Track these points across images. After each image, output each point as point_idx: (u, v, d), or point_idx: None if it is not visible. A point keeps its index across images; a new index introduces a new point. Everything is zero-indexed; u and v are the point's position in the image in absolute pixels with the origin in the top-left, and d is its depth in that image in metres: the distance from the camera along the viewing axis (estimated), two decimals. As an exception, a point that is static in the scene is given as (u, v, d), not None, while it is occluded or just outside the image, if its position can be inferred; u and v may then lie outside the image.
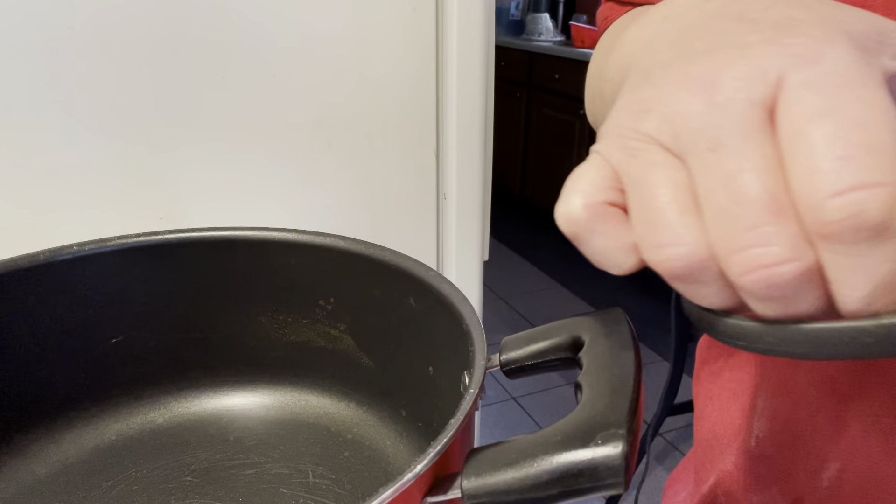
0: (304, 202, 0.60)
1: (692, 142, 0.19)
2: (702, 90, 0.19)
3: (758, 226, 0.17)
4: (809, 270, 0.18)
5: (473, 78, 0.61)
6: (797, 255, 0.17)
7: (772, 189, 0.17)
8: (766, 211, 0.17)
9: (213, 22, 0.52)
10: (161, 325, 0.46)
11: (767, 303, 0.19)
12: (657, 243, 0.19)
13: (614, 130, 0.21)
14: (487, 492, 0.24)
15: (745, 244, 0.18)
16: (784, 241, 0.17)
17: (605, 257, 0.21)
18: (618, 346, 0.29)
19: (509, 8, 3.46)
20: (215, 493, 0.41)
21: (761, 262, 0.17)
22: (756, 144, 0.18)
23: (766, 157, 0.18)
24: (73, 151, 0.51)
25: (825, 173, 0.16)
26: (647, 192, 0.20)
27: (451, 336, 0.36)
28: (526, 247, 3.06)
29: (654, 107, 0.20)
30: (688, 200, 0.19)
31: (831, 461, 0.33)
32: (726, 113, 0.18)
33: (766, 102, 0.18)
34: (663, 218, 0.19)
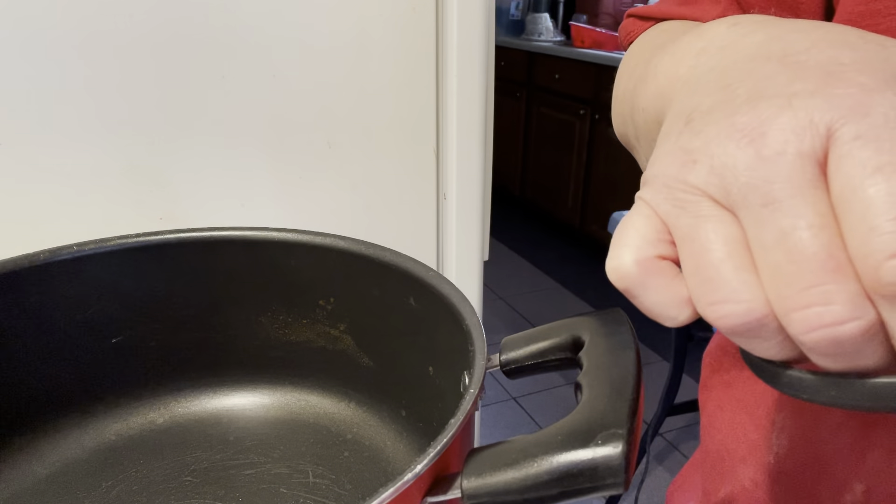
0: (304, 202, 0.60)
1: (743, 196, 0.19)
2: (750, 143, 0.19)
3: (817, 285, 0.17)
4: (872, 327, 0.17)
5: (473, 78, 0.61)
6: (858, 314, 0.17)
7: (829, 247, 0.17)
8: (824, 269, 0.17)
9: (213, 22, 0.52)
10: (161, 325, 0.45)
11: (830, 358, 0.19)
12: (713, 300, 0.19)
13: (660, 180, 0.21)
14: (487, 492, 0.24)
15: (805, 303, 0.18)
16: (845, 300, 0.17)
17: (659, 312, 0.21)
18: (618, 346, 0.29)
19: (509, 8, 3.46)
20: (215, 493, 0.41)
21: (823, 322, 0.17)
22: (810, 201, 0.18)
23: (821, 213, 0.17)
24: (73, 151, 0.51)
25: (882, 234, 0.16)
26: (699, 247, 0.19)
27: (451, 336, 0.36)
28: (526, 247, 3.06)
29: (700, 158, 0.20)
30: (743, 256, 0.19)
31: (855, 482, 0.32)
32: (777, 167, 0.18)
33: (817, 156, 0.18)
34: (719, 274, 0.19)
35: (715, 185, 0.19)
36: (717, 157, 0.19)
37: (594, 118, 2.69)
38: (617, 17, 3.10)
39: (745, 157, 0.19)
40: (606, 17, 3.11)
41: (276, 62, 0.55)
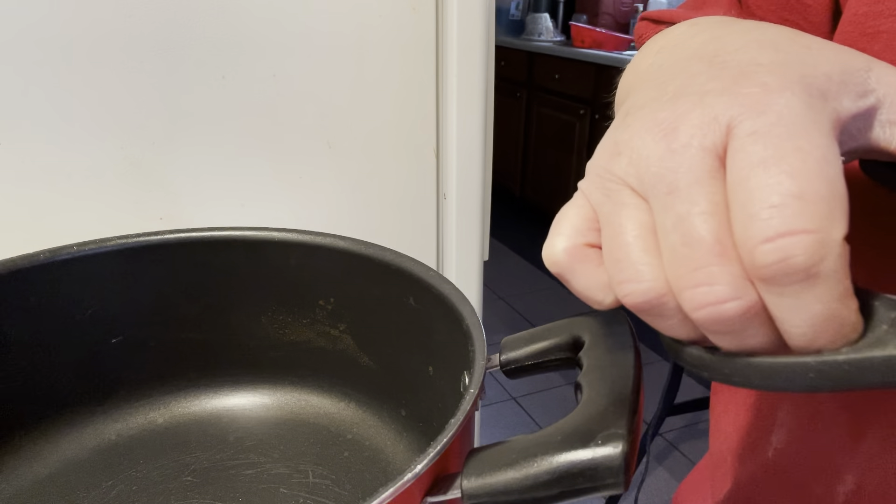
0: (304, 202, 0.60)
1: (653, 185, 0.20)
2: (664, 136, 0.20)
3: (704, 266, 0.19)
4: (752, 308, 0.19)
5: (473, 78, 0.61)
6: (739, 294, 0.19)
7: (717, 232, 0.19)
8: (711, 253, 0.19)
9: (213, 22, 0.52)
10: (161, 325, 0.46)
11: (721, 336, 0.20)
12: (620, 279, 0.21)
13: (594, 170, 0.23)
14: (487, 492, 0.24)
15: (694, 283, 0.19)
16: (727, 281, 0.19)
17: (586, 295, 0.23)
18: (618, 346, 0.29)
19: (509, 8, 3.46)
20: (215, 493, 0.41)
21: (707, 300, 0.19)
22: (706, 190, 0.19)
23: (714, 202, 0.19)
24: (73, 151, 0.51)
25: (759, 220, 0.18)
26: (613, 231, 0.21)
27: (451, 336, 0.36)
28: (526, 247, 3.06)
29: (623, 150, 0.22)
30: (649, 240, 0.20)
31: (847, 475, 0.32)
32: (682, 159, 0.20)
33: (717, 150, 0.19)
34: (626, 256, 0.21)
35: (633, 174, 0.21)
36: (637, 149, 0.21)
37: (594, 118, 2.69)
38: (617, 17, 3.10)
39: (658, 150, 0.20)
40: (606, 17, 3.11)
41: (276, 62, 0.55)
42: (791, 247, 0.17)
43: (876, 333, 0.19)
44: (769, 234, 0.17)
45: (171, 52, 0.52)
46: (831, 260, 0.17)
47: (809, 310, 0.18)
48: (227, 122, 0.55)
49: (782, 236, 0.17)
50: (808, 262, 0.17)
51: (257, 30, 0.54)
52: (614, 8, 3.11)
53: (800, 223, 0.17)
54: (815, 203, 0.17)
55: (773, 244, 0.17)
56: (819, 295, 0.18)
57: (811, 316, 0.18)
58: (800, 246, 0.17)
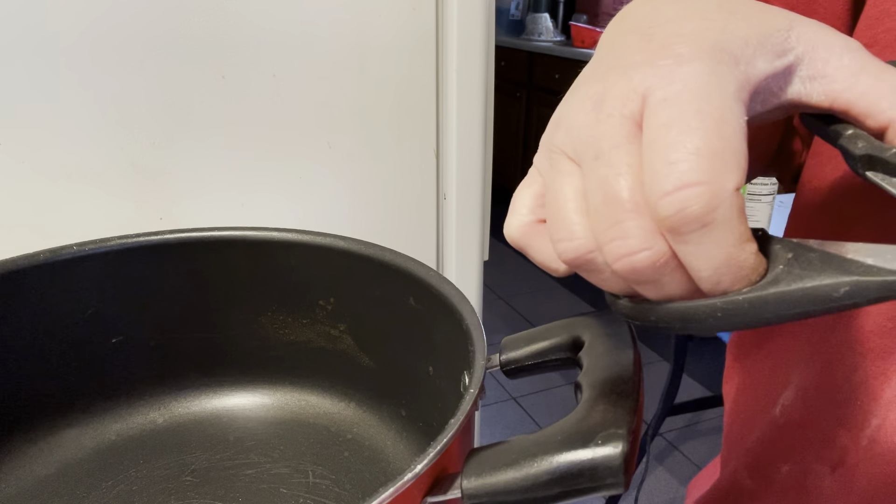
0: (304, 202, 0.60)
1: (583, 152, 0.22)
2: (593, 108, 0.22)
3: (618, 222, 0.21)
4: (662, 257, 0.21)
5: (473, 78, 0.61)
6: (649, 245, 0.20)
7: (630, 190, 0.21)
8: (625, 210, 0.20)
9: (212, 22, 0.52)
10: (161, 325, 0.46)
11: (643, 286, 0.22)
12: (556, 238, 0.23)
13: (542, 144, 0.25)
14: (487, 492, 0.24)
15: (610, 237, 0.21)
16: (638, 234, 0.20)
17: (544, 264, 0.25)
18: (618, 346, 0.29)
19: (509, 8, 3.46)
20: (215, 493, 0.41)
21: (621, 252, 0.21)
22: (624, 153, 0.21)
23: (631, 164, 0.21)
24: (73, 151, 0.51)
25: (660, 176, 0.19)
26: (552, 196, 0.23)
27: (451, 336, 0.36)
28: (526, 247, 3.06)
29: (562, 122, 0.24)
30: (582, 202, 0.22)
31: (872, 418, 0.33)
32: (605, 127, 0.22)
33: (636, 117, 0.21)
34: (560, 217, 0.23)
35: (569, 144, 0.23)
36: (571, 121, 0.23)
37: (594, 118, 2.68)
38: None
39: (587, 120, 0.22)
40: (606, 17, 3.11)
41: (276, 62, 0.55)
42: (687, 198, 0.19)
43: (773, 273, 0.21)
44: (668, 188, 0.19)
45: (171, 52, 0.52)
46: (724, 208, 0.19)
47: (710, 255, 0.20)
48: (227, 121, 0.55)
49: (679, 189, 0.19)
50: (702, 210, 0.19)
51: (257, 30, 0.54)
52: (614, 8, 3.11)
53: (694, 176, 0.19)
54: (709, 158, 0.19)
55: (671, 196, 0.19)
56: (717, 240, 0.20)
57: (712, 260, 0.20)
58: (694, 197, 0.19)
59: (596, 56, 0.26)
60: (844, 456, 0.34)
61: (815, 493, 0.36)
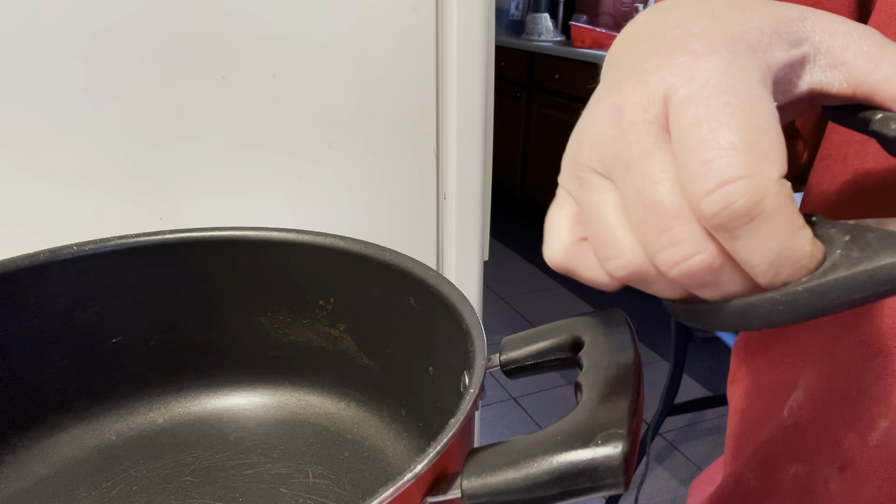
0: (304, 202, 0.60)
1: (613, 166, 0.22)
2: (613, 119, 0.22)
3: (666, 230, 0.20)
4: (717, 258, 0.20)
5: (473, 78, 0.61)
6: (702, 248, 0.20)
7: (671, 196, 0.20)
8: (669, 216, 0.20)
9: (213, 22, 0.52)
10: (161, 325, 0.46)
11: (701, 289, 0.21)
12: (604, 257, 0.23)
13: (566, 163, 0.25)
14: (487, 492, 0.24)
15: (661, 246, 0.21)
16: (689, 239, 0.20)
17: (593, 282, 0.25)
18: (618, 346, 0.29)
19: (509, 8, 3.46)
20: (215, 493, 0.41)
21: (675, 259, 0.20)
22: (655, 159, 0.21)
23: (664, 169, 0.20)
24: (73, 151, 0.51)
25: (699, 176, 0.19)
26: (590, 216, 0.23)
27: (451, 336, 0.36)
28: (526, 247, 3.06)
29: (584, 139, 0.23)
30: (621, 217, 0.22)
31: (881, 420, 0.33)
32: (630, 137, 0.21)
33: (660, 120, 0.21)
34: (605, 235, 0.22)
35: (595, 160, 0.23)
36: (594, 135, 0.23)
37: (594, 118, 2.68)
38: (617, 17, 3.10)
39: (610, 132, 0.22)
40: (606, 17, 3.12)
41: (276, 62, 0.55)
42: (730, 194, 0.19)
43: (831, 259, 0.20)
44: (709, 187, 0.19)
45: (171, 52, 0.52)
46: (771, 198, 0.19)
47: (764, 248, 0.19)
48: (227, 122, 0.55)
49: (720, 186, 0.19)
50: (748, 204, 0.19)
51: (257, 30, 0.54)
52: (614, 8, 3.11)
53: (734, 171, 0.19)
54: (745, 150, 0.19)
55: (714, 195, 0.19)
56: (769, 232, 0.19)
57: (767, 253, 0.20)
58: (738, 192, 0.19)
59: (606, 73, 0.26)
60: (853, 457, 0.34)
61: (823, 495, 0.36)
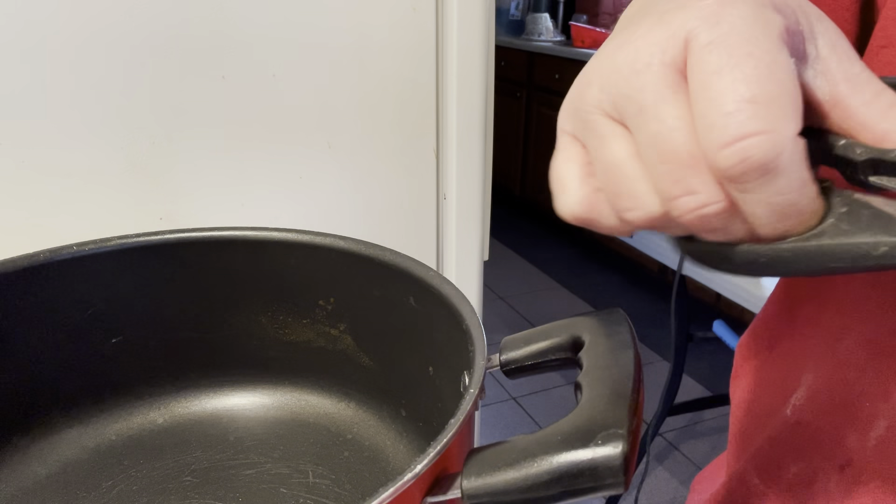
0: (304, 202, 0.60)
1: (624, 107, 0.21)
2: (625, 58, 0.21)
3: (681, 178, 0.20)
4: (729, 207, 0.20)
5: (473, 78, 0.61)
6: (716, 198, 0.20)
7: (686, 144, 0.20)
8: (685, 165, 0.20)
9: (213, 22, 0.52)
10: (161, 325, 0.46)
11: (708, 234, 0.22)
12: (621, 209, 0.23)
13: (570, 104, 0.24)
14: (487, 492, 0.24)
15: (676, 194, 0.21)
16: (703, 188, 0.20)
17: (612, 231, 0.25)
18: (618, 346, 0.29)
19: (509, 8, 3.46)
20: (215, 493, 0.41)
21: (690, 207, 0.21)
22: (671, 105, 0.20)
23: (679, 116, 0.20)
24: (73, 151, 0.51)
25: (717, 127, 0.19)
26: (603, 167, 0.23)
27: (451, 336, 0.36)
28: (526, 247, 3.06)
29: (593, 78, 0.22)
30: (635, 166, 0.22)
31: (880, 419, 0.33)
32: (646, 78, 0.21)
33: (678, 64, 0.20)
34: (620, 188, 0.22)
35: (605, 101, 0.22)
36: (605, 75, 0.22)
37: (594, 118, 2.68)
38: (617, 17, 3.10)
39: (623, 72, 0.21)
40: (606, 17, 3.12)
41: (276, 62, 0.55)
42: (748, 148, 0.19)
43: (822, 225, 0.20)
44: (727, 139, 0.19)
45: (171, 52, 0.52)
46: (787, 155, 0.19)
47: (771, 201, 0.20)
48: (227, 121, 0.55)
49: (738, 140, 0.19)
50: (764, 159, 0.19)
51: (257, 30, 0.54)
52: (614, 8, 3.11)
53: (753, 125, 0.18)
54: (766, 105, 0.19)
55: (731, 148, 0.19)
56: (779, 188, 0.19)
57: (773, 206, 0.20)
58: (755, 146, 0.19)
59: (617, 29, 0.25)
60: (852, 456, 0.34)
61: (823, 494, 0.36)
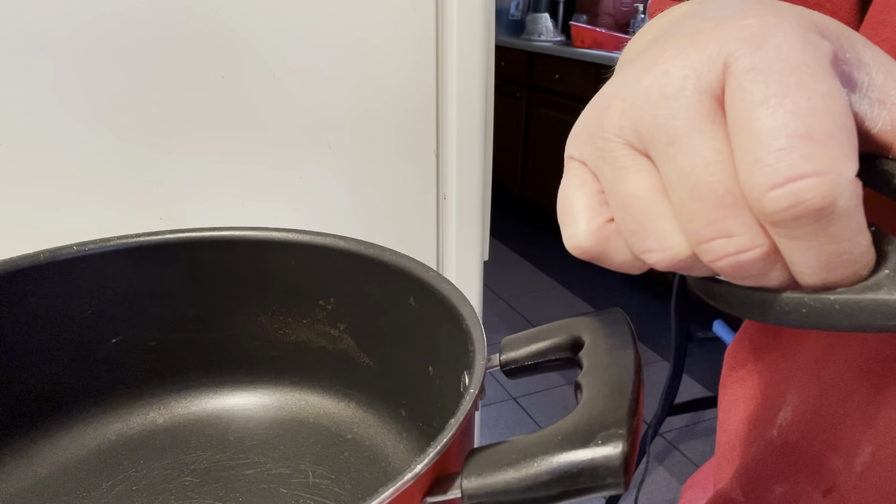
0: (304, 202, 0.60)
1: (651, 136, 0.19)
2: (653, 82, 0.19)
3: (717, 219, 0.18)
4: (770, 253, 0.18)
5: (473, 78, 0.61)
6: (756, 243, 0.18)
7: (725, 182, 0.18)
8: (722, 204, 0.18)
9: (213, 22, 0.52)
10: (161, 325, 0.45)
11: (740, 280, 0.20)
12: (642, 249, 0.21)
13: (584, 130, 0.22)
14: (487, 492, 0.24)
15: (709, 237, 0.19)
16: (743, 231, 0.18)
17: (623, 268, 0.23)
18: (618, 346, 0.29)
19: (509, 8, 3.46)
20: (215, 493, 0.41)
21: (726, 252, 0.19)
22: (707, 135, 0.18)
23: (717, 149, 0.18)
24: (73, 151, 0.51)
25: (765, 166, 0.17)
26: (621, 202, 0.20)
27: (451, 336, 0.36)
28: (526, 247, 3.06)
29: (613, 102, 0.20)
30: (660, 203, 0.20)
31: (865, 445, 0.32)
32: (677, 104, 0.18)
33: (715, 90, 0.18)
34: (643, 226, 0.20)
35: (627, 127, 0.20)
36: (627, 98, 0.20)
37: (594, 118, 2.68)
38: (617, 17, 3.10)
39: (651, 96, 0.19)
40: (606, 17, 3.11)
41: (276, 62, 0.55)
42: (801, 191, 0.16)
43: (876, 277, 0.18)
44: (776, 180, 0.17)
45: (171, 52, 0.52)
46: (844, 199, 0.17)
47: (821, 250, 0.18)
48: (227, 122, 0.55)
49: (791, 181, 0.16)
50: (819, 204, 0.16)
51: (257, 30, 0.54)
52: (614, 8, 3.11)
53: (809, 165, 0.16)
54: (823, 142, 0.16)
55: (781, 190, 0.17)
56: (832, 235, 0.17)
57: (822, 255, 0.18)
58: (811, 189, 0.16)
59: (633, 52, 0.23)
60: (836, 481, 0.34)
61: None
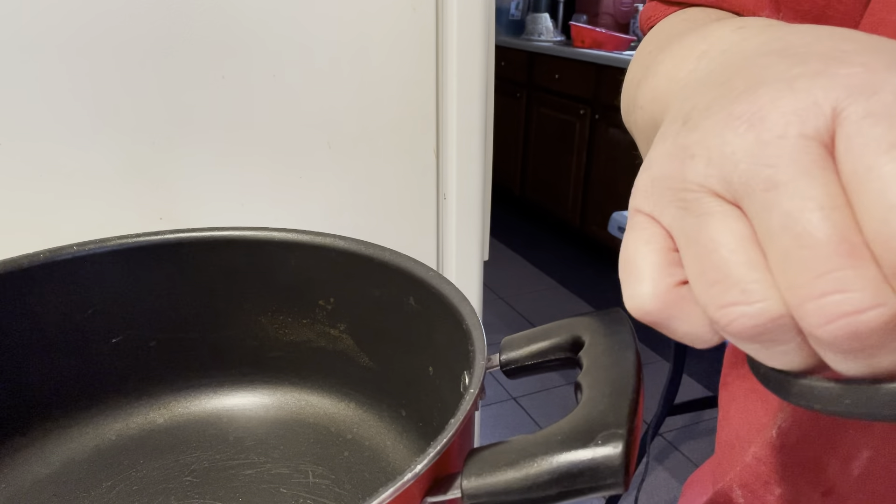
0: (304, 202, 0.60)
1: (744, 183, 0.17)
2: (749, 128, 0.17)
3: (832, 270, 0.16)
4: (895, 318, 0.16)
5: (473, 78, 0.61)
6: (880, 301, 0.15)
7: (842, 229, 0.16)
8: (839, 253, 0.16)
9: (213, 22, 0.52)
10: (161, 325, 0.46)
11: (850, 357, 0.17)
12: (723, 303, 0.17)
13: (659, 182, 0.20)
14: (487, 492, 0.24)
15: (820, 292, 0.16)
16: (863, 286, 0.15)
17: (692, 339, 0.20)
18: (618, 346, 0.29)
19: (509, 8, 3.46)
20: (215, 493, 0.41)
21: (841, 311, 0.16)
22: (819, 182, 0.16)
23: (831, 194, 0.16)
24: (73, 151, 0.51)
25: None
26: (703, 248, 0.18)
27: (451, 336, 0.36)
28: (526, 247, 3.06)
29: (698, 151, 0.19)
30: (751, 252, 0.17)
31: (862, 450, 0.32)
32: (779, 150, 0.17)
33: (822, 138, 0.17)
34: (726, 275, 0.17)
35: (715, 176, 0.18)
36: (715, 147, 0.18)
37: (594, 118, 2.69)
38: (617, 17, 3.10)
39: (744, 144, 0.17)
40: (606, 17, 3.11)
41: (276, 62, 0.55)
42: None
43: None
44: None
45: (171, 52, 0.52)
46: None
47: None
48: (227, 122, 0.55)
49: None
50: None
51: (257, 30, 0.54)
52: (614, 8, 3.11)
53: None
54: None
55: None
56: None
57: None
58: None
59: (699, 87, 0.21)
60: (834, 484, 0.34)
61: None
